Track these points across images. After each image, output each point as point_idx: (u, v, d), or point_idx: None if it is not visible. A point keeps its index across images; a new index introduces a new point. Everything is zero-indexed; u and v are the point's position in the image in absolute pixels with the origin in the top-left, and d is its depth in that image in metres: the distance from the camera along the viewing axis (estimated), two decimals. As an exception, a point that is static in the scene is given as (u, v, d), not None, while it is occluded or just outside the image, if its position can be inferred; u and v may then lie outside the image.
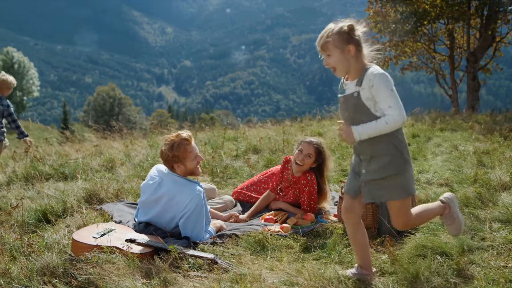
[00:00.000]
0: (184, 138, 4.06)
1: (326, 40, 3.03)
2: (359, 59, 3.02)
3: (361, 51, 3.02)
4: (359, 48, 3.01)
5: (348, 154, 7.24)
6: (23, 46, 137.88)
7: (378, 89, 2.90)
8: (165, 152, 4.03)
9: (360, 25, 3.06)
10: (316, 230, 4.12)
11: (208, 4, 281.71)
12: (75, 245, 3.59)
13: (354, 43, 2.99)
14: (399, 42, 17.62)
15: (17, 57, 64.86)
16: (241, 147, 7.86)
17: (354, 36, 3.00)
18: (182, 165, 4.07)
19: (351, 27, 2.99)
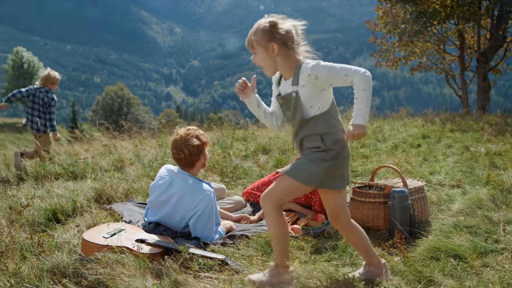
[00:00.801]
0: (197, 128, 4.11)
1: (251, 38, 2.92)
2: (288, 57, 2.88)
3: (290, 49, 2.87)
4: (285, 45, 2.86)
5: (357, 155, 7.20)
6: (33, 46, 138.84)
7: (325, 74, 2.79)
8: (195, 144, 4.01)
9: (289, 22, 2.90)
10: (327, 232, 4.09)
11: (217, 4, 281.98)
12: (85, 245, 3.58)
13: (278, 40, 2.84)
14: (409, 42, 17.50)
15: (26, 57, 65.29)
16: (250, 147, 7.84)
17: (278, 34, 2.83)
18: (203, 155, 4.10)
19: (272, 23, 2.84)
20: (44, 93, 7.56)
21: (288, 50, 2.86)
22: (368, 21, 18.44)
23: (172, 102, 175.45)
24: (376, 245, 3.70)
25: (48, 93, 7.57)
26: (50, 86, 7.66)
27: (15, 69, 64.52)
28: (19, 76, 64.17)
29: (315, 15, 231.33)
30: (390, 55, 18.41)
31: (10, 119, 78.49)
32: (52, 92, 7.64)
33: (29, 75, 64.95)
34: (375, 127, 9.44)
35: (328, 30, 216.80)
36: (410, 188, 4.15)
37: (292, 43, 2.85)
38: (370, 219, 4.08)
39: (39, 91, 7.58)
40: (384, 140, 8.23)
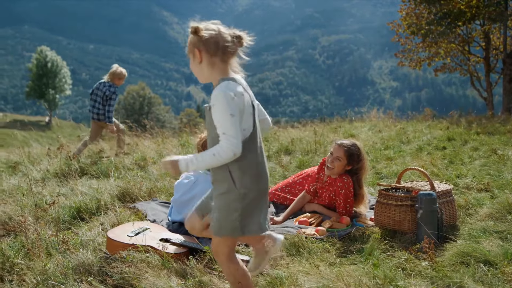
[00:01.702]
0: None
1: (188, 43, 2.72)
2: (214, 66, 2.63)
3: (214, 57, 2.62)
4: (209, 53, 2.61)
5: (382, 156, 7.11)
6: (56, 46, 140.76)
7: (215, 111, 2.49)
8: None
9: (221, 29, 2.63)
10: (352, 234, 4.03)
11: (237, 4, 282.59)
12: (110, 243, 3.59)
13: (201, 46, 2.61)
14: (433, 43, 17.27)
15: (50, 56, 66.18)
16: (273, 147, 7.80)
17: (201, 39, 2.61)
18: None
19: (193, 29, 2.63)
20: (107, 87, 8.01)
21: (212, 58, 2.61)
22: (391, 22, 18.25)
23: (192, 102, 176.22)
24: (403, 249, 3.63)
25: (111, 87, 8.01)
26: (116, 81, 8.13)
27: (39, 68, 65.42)
28: (43, 75, 65.04)
29: (336, 16, 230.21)
30: (413, 55, 18.18)
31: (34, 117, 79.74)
32: (115, 87, 8.07)
33: (53, 74, 65.81)
34: (398, 129, 9.32)
35: (349, 31, 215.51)
36: (438, 191, 4.07)
37: (216, 51, 2.60)
38: (397, 222, 4.01)
39: (103, 85, 8.08)
40: (408, 142, 8.11)
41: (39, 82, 65.15)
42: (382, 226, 4.11)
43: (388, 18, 20.80)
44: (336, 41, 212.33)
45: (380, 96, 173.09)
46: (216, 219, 2.62)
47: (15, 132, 29.67)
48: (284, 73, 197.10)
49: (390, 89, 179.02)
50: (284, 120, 33.49)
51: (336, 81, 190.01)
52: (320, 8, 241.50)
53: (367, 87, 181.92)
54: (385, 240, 3.80)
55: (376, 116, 12.09)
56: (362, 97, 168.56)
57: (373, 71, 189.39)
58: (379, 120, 11.44)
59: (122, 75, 8.18)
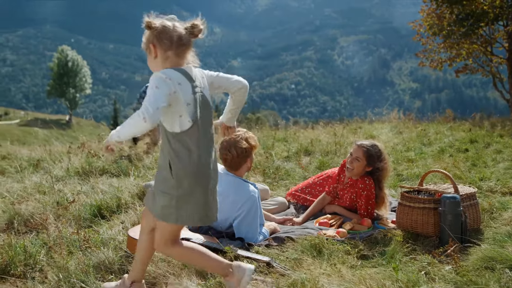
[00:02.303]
0: (247, 131, 4.06)
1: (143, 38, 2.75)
2: (167, 61, 2.67)
3: (167, 50, 2.65)
4: (161, 47, 2.65)
5: (403, 158, 7.03)
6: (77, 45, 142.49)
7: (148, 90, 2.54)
8: (243, 146, 3.96)
9: (174, 23, 2.70)
10: (374, 237, 3.97)
11: (257, 4, 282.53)
12: (130, 242, 3.59)
13: (155, 41, 2.65)
14: (454, 44, 17.03)
15: (71, 56, 67.03)
16: (292, 148, 7.76)
17: (154, 34, 2.66)
18: (250, 159, 4.05)
19: (147, 24, 2.68)
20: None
21: (166, 52, 2.64)
22: (412, 21, 18.04)
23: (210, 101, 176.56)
24: (426, 253, 3.57)
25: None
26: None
27: (60, 67, 66.30)
28: (64, 74, 65.91)
29: (356, 16, 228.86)
30: (434, 55, 17.95)
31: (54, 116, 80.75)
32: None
33: (73, 73, 66.64)
34: (419, 130, 9.21)
35: (368, 31, 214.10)
36: (462, 194, 3.99)
37: (170, 45, 2.63)
38: (419, 225, 3.95)
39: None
40: (429, 144, 8.01)
41: (60, 81, 66.04)
42: (404, 228, 4.06)
43: (408, 19, 20.54)
44: (355, 41, 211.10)
45: (400, 97, 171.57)
46: (156, 203, 2.70)
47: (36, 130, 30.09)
48: (303, 74, 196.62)
49: (409, 90, 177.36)
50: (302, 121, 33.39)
51: (355, 82, 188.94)
52: (339, 8, 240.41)
53: (386, 88, 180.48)
54: (407, 243, 3.74)
55: (396, 117, 11.97)
56: (381, 98, 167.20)
57: (392, 72, 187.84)
58: (400, 121, 11.32)
59: None
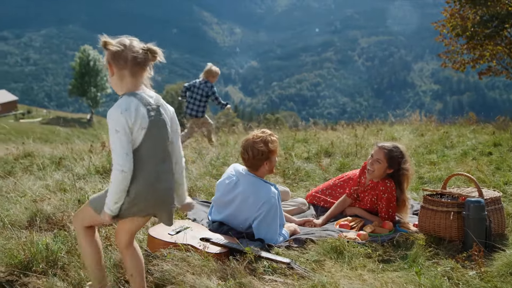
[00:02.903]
0: (272, 133, 4.02)
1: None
2: (124, 80, 2.73)
3: (121, 70, 2.71)
4: (117, 66, 2.72)
5: (425, 161, 6.94)
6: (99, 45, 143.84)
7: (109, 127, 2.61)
8: (260, 149, 3.92)
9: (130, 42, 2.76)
10: (395, 240, 3.92)
11: (277, 5, 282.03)
12: (151, 241, 3.60)
13: (112, 61, 2.73)
14: (478, 46, 16.75)
15: (92, 55, 67.76)
16: (312, 149, 7.72)
17: (110, 52, 2.73)
18: (269, 162, 4.00)
19: (103, 43, 2.75)
20: (203, 84, 8.66)
21: (121, 71, 2.71)
22: (435, 22, 17.79)
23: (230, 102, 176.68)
24: (449, 257, 3.51)
25: (207, 83, 8.65)
26: (211, 79, 8.73)
27: (81, 67, 67.10)
28: (85, 73, 66.68)
29: (377, 17, 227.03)
30: (457, 57, 17.67)
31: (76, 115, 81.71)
32: (211, 83, 8.68)
33: (94, 72, 67.38)
34: (442, 133, 9.08)
35: (389, 32, 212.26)
36: (486, 199, 3.92)
37: (125, 65, 2.70)
38: (442, 229, 3.88)
39: (200, 83, 8.71)
40: (452, 147, 7.89)
41: (81, 80, 66.83)
42: (427, 232, 3.99)
43: (430, 20, 20.29)
44: (376, 42, 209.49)
45: (420, 99, 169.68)
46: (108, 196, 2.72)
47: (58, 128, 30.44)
48: (322, 75, 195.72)
49: (430, 92, 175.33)
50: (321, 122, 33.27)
51: (375, 83, 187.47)
52: (360, 9, 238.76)
53: (407, 89, 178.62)
54: (429, 247, 3.69)
55: (417, 119, 11.83)
56: (402, 99, 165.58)
57: (413, 74, 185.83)
58: (421, 124, 11.18)
59: (216, 73, 8.77)
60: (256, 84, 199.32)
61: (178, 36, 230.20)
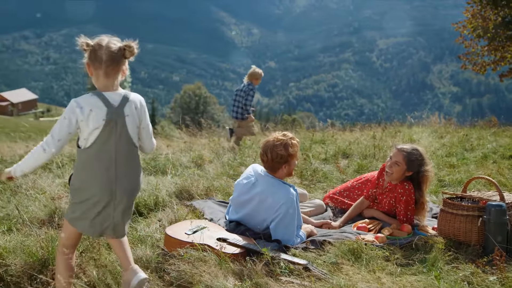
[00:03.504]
0: (293, 137, 3.99)
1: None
2: (98, 80, 2.87)
3: (101, 72, 2.84)
4: (95, 67, 2.84)
5: (445, 163, 6.85)
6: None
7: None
8: (279, 152, 3.90)
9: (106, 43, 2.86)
10: (414, 243, 3.86)
11: (295, 6, 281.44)
12: (168, 240, 3.61)
13: (89, 61, 2.86)
14: (499, 47, 16.53)
15: (111, 55, 68.31)
16: (330, 150, 7.67)
17: (88, 54, 2.86)
18: (288, 165, 3.98)
19: (81, 44, 2.87)
20: (246, 86, 8.79)
21: (96, 71, 2.85)
22: (456, 22, 17.58)
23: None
24: (469, 262, 3.45)
25: (249, 85, 8.77)
26: (254, 81, 8.84)
27: (100, 67, 67.74)
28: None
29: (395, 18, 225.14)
30: (478, 58, 17.44)
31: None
32: (253, 85, 8.80)
33: (113, 71, 67.90)
34: (461, 135, 8.96)
35: (408, 34, 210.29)
36: (508, 203, 3.84)
37: (100, 65, 2.82)
38: (462, 233, 3.82)
39: (244, 85, 8.87)
40: (472, 149, 7.79)
41: (98, 80, 67.41)
42: (446, 236, 3.94)
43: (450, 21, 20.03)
44: (395, 43, 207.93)
45: (439, 101, 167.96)
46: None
47: (77, 127, 30.74)
48: (340, 76, 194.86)
49: (449, 94, 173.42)
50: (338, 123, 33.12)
51: (393, 85, 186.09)
52: (380, 10, 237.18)
53: (426, 91, 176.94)
54: (449, 251, 3.63)
55: (436, 121, 11.69)
56: (420, 101, 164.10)
57: (432, 75, 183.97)
58: (440, 126, 11.05)
59: (259, 75, 8.86)
60: (273, 84, 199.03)
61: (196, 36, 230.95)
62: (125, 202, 2.95)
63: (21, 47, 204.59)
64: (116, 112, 2.83)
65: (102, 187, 2.86)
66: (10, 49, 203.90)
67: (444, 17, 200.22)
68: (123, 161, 2.90)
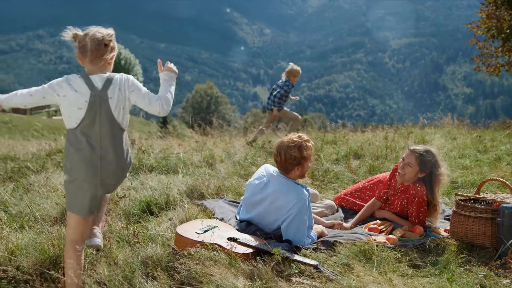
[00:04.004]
0: (308, 140, 3.97)
1: None
2: (86, 68, 3.14)
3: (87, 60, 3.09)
4: (82, 57, 3.10)
5: (457, 165, 6.79)
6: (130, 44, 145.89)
7: None
8: (293, 154, 3.89)
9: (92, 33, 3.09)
10: (426, 245, 3.83)
11: (308, 6, 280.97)
12: (178, 239, 3.61)
13: (78, 51, 3.10)
14: (514, 48, 16.34)
15: (124, 54, 68.60)
16: (341, 151, 7.64)
17: (77, 45, 3.10)
18: (302, 167, 3.97)
19: (72, 36, 3.10)
20: (283, 82, 8.96)
21: (83, 59, 3.10)
22: (470, 22, 17.39)
23: (258, 102, 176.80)
24: (482, 264, 3.41)
25: (286, 82, 8.94)
26: (292, 78, 9.00)
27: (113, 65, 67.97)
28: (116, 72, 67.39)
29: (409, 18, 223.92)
30: (492, 60, 17.25)
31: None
32: (290, 82, 8.94)
33: (125, 71, 68.07)
34: (474, 137, 8.88)
35: (421, 34, 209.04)
36: (522, 205, 3.79)
37: (85, 54, 3.07)
38: (475, 235, 3.78)
39: (282, 81, 9.01)
40: (485, 151, 7.70)
41: (111, 78, 67.68)
42: (459, 238, 3.89)
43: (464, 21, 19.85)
44: (407, 44, 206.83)
45: (452, 102, 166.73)
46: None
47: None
48: (352, 76, 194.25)
49: (463, 96, 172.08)
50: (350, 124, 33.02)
51: (406, 86, 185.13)
52: (392, 10, 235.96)
53: (439, 92, 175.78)
54: (461, 254, 3.59)
55: (449, 122, 11.59)
56: (433, 102, 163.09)
57: (445, 76, 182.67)
58: (453, 127, 10.96)
59: (296, 72, 8.99)
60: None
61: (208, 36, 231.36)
62: (109, 182, 3.12)
63: (35, 46, 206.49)
64: (99, 95, 3.02)
65: (88, 167, 3.02)
66: (24, 48, 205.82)
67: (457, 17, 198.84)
68: (108, 142, 3.06)
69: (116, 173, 3.15)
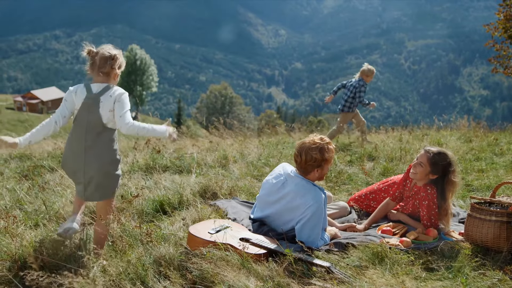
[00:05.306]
0: (330, 142, 3.95)
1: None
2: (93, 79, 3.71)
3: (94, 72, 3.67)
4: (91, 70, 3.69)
5: (473, 168, 6.71)
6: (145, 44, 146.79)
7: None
8: (314, 155, 3.88)
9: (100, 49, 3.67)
10: (439, 248, 3.79)
11: (323, 7, 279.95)
12: (191, 239, 3.62)
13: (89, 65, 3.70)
14: (531, 50, 16.13)
15: (139, 54, 69.01)
16: (355, 153, 7.60)
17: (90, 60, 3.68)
18: (321, 169, 3.95)
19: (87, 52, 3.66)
20: (357, 82, 8.94)
21: (92, 71, 3.68)
22: (487, 24, 17.20)
23: (273, 103, 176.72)
24: (497, 269, 3.37)
25: (360, 82, 8.91)
26: (365, 78, 9.01)
27: (128, 65, 68.34)
28: (132, 72, 67.95)
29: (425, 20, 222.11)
30: (510, 62, 17.04)
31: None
32: (364, 82, 8.93)
33: (141, 71, 68.60)
34: (491, 139, 8.78)
35: (438, 36, 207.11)
36: (538, 209, 3.74)
37: (94, 67, 3.66)
38: (490, 239, 3.74)
39: (355, 80, 9.06)
40: (501, 154, 7.61)
41: (128, 78, 68.15)
42: (473, 242, 3.85)
43: (481, 23, 19.64)
44: (423, 46, 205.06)
45: (468, 104, 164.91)
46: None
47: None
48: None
49: (479, 98, 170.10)
50: (365, 125, 32.78)
51: (421, 88, 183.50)
52: (409, 12, 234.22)
53: (455, 94, 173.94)
54: (476, 257, 3.56)
55: (465, 125, 11.46)
56: (449, 105, 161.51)
57: (462, 78, 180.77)
58: (469, 129, 10.84)
59: (370, 72, 8.99)
60: (299, 86, 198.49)
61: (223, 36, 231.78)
62: (92, 173, 3.56)
63: (52, 46, 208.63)
64: (93, 97, 3.58)
65: (74, 155, 3.58)
66: (41, 48, 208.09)
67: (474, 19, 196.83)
68: (92, 136, 3.55)
69: (97, 165, 3.57)
